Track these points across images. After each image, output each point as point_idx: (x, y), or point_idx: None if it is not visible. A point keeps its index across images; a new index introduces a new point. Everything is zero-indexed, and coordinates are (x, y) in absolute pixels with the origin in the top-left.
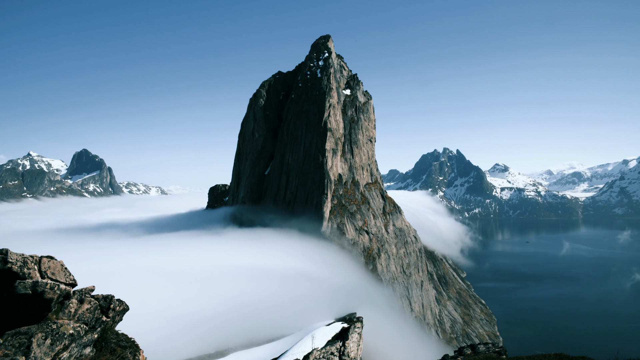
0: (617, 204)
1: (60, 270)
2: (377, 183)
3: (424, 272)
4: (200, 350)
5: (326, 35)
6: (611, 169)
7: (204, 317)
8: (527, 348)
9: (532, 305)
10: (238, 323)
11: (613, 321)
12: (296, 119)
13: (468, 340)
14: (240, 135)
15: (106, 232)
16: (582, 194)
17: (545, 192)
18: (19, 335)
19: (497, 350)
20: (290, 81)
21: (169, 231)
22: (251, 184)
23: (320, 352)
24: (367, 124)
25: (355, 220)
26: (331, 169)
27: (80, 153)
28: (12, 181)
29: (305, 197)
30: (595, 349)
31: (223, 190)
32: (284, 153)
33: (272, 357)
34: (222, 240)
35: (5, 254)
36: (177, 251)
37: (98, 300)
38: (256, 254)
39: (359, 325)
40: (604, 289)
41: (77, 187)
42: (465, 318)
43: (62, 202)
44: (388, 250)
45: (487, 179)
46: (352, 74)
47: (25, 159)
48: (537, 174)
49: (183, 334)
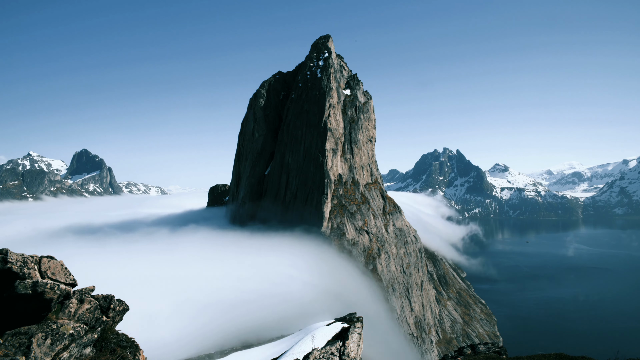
0: (617, 204)
1: (60, 270)
2: (377, 183)
3: (424, 272)
4: (200, 350)
5: (326, 35)
6: (611, 169)
7: (204, 316)
8: (527, 348)
9: (532, 305)
10: (238, 323)
11: (613, 321)
12: (296, 119)
13: (468, 340)
14: (240, 135)
15: (110, 233)
16: (582, 194)
17: (545, 192)
18: (19, 335)
19: (497, 350)
20: (290, 81)
21: (168, 231)
22: (251, 184)
23: (320, 352)
24: (367, 124)
25: (355, 220)
26: (331, 169)
27: (80, 153)
28: (12, 181)
29: (305, 197)
30: (595, 349)
31: (223, 190)
32: (284, 153)
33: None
34: (222, 240)
35: (6, 254)
36: (176, 251)
37: (98, 300)
38: (256, 254)
39: (359, 325)
40: (604, 289)
41: (77, 187)
42: (465, 318)
43: (63, 202)
44: (388, 250)
45: (487, 179)
46: (352, 74)
47: (25, 159)
48: (537, 174)
49: (183, 333)
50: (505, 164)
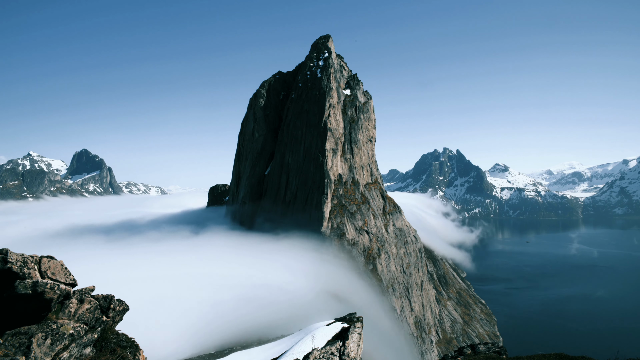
0: (617, 204)
1: (60, 270)
2: (377, 183)
3: (424, 272)
4: (200, 350)
5: (326, 35)
6: (611, 169)
7: (204, 317)
8: (527, 348)
9: (532, 305)
10: (238, 323)
11: (613, 321)
12: (296, 119)
13: (468, 340)
14: (240, 135)
15: (109, 233)
16: (582, 194)
17: (545, 192)
18: (19, 335)
19: (497, 350)
20: (291, 81)
21: (168, 231)
22: (251, 184)
23: (320, 352)
24: (367, 123)
25: (355, 220)
26: (331, 169)
27: (80, 153)
28: (12, 181)
29: (305, 197)
30: (595, 349)
31: (223, 190)
32: (284, 153)
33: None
34: (222, 241)
35: (6, 254)
36: (176, 251)
37: (98, 300)
38: (256, 254)
39: (359, 325)
40: (604, 289)
41: (77, 187)
42: (465, 318)
43: (63, 202)
44: (388, 250)
45: (487, 179)
46: (352, 74)
47: (25, 159)
48: (537, 174)
49: (183, 334)
50: (505, 164)
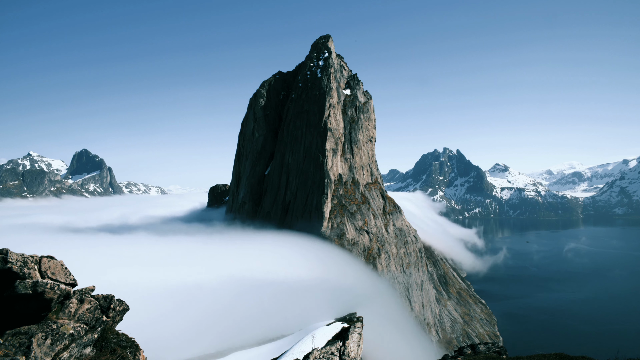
0: (617, 204)
1: (61, 270)
2: (377, 183)
3: (424, 272)
4: (200, 350)
5: (326, 35)
6: (611, 168)
7: (204, 317)
8: (527, 348)
9: (532, 305)
10: (238, 323)
11: (613, 321)
12: (296, 119)
13: (468, 340)
14: (240, 135)
15: (109, 233)
16: (582, 194)
17: (546, 192)
18: (19, 335)
19: (497, 350)
20: (291, 81)
21: (168, 232)
22: (251, 184)
23: (320, 352)
24: (367, 123)
25: (355, 220)
26: (331, 169)
27: (81, 153)
28: (12, 181)
29: (306, 197)
30: (595, 349)
31: (223, 190)
32: (284, 153)
33: (272, 357)
34: (222, 241)
35: (6, 253)
36: (176, 252)
37: (98, 300)
38: (256, 254)
39: (359, 325)
40: (604, 289)
41: (77, 187)
42: (466, 318)
43: (63, 202)
44: (388, 250)
45: (487, 179)
46: (352, 74)
47: (25, 159)
48: (537, 174)
49: (183, 334)
50: (505, 164)
